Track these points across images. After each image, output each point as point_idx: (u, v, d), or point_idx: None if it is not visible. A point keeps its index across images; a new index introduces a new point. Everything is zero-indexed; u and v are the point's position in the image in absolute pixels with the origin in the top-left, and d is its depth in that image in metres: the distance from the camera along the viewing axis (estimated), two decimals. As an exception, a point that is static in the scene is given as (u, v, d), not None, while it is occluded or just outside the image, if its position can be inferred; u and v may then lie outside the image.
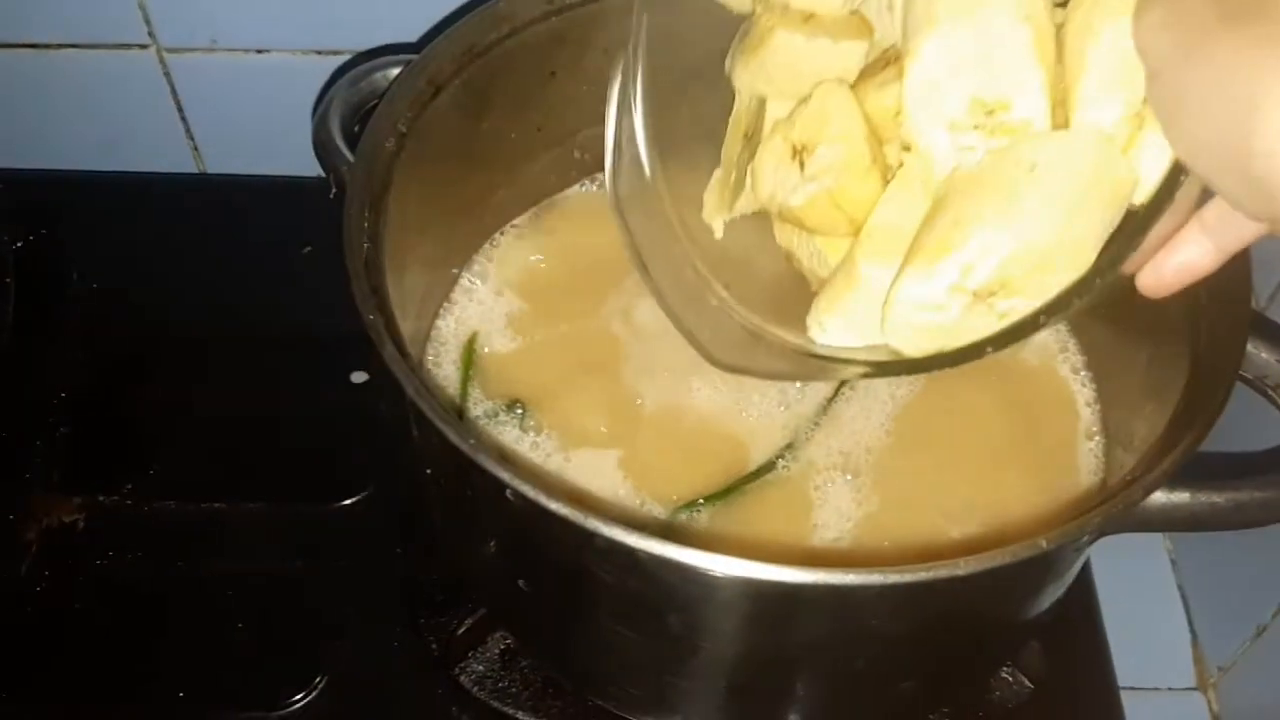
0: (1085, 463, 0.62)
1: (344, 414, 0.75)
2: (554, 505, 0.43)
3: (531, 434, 0.61)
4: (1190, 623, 0.81)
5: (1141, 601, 0.81)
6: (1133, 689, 0.73)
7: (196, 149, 0.90)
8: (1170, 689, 0.79)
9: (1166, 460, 0.46)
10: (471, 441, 0.44)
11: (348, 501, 0.71)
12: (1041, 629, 0.63)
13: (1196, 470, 0.48)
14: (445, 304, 0.66)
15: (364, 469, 0.72)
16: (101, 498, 0.71)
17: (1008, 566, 0.43)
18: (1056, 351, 0.66)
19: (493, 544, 0.53)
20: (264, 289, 0.81)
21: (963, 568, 0.41)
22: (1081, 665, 0.69)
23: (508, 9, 0.61)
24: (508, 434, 0.61)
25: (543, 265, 0.67)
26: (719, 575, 0.43)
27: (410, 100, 0.57)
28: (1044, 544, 0.43)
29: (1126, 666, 0.72)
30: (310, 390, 0.76)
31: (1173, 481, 0.48)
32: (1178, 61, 0.32)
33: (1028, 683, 0.65)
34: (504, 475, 0.43)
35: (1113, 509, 0.44)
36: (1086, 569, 0.74)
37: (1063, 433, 0.62)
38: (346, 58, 0.83)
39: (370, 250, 0.51)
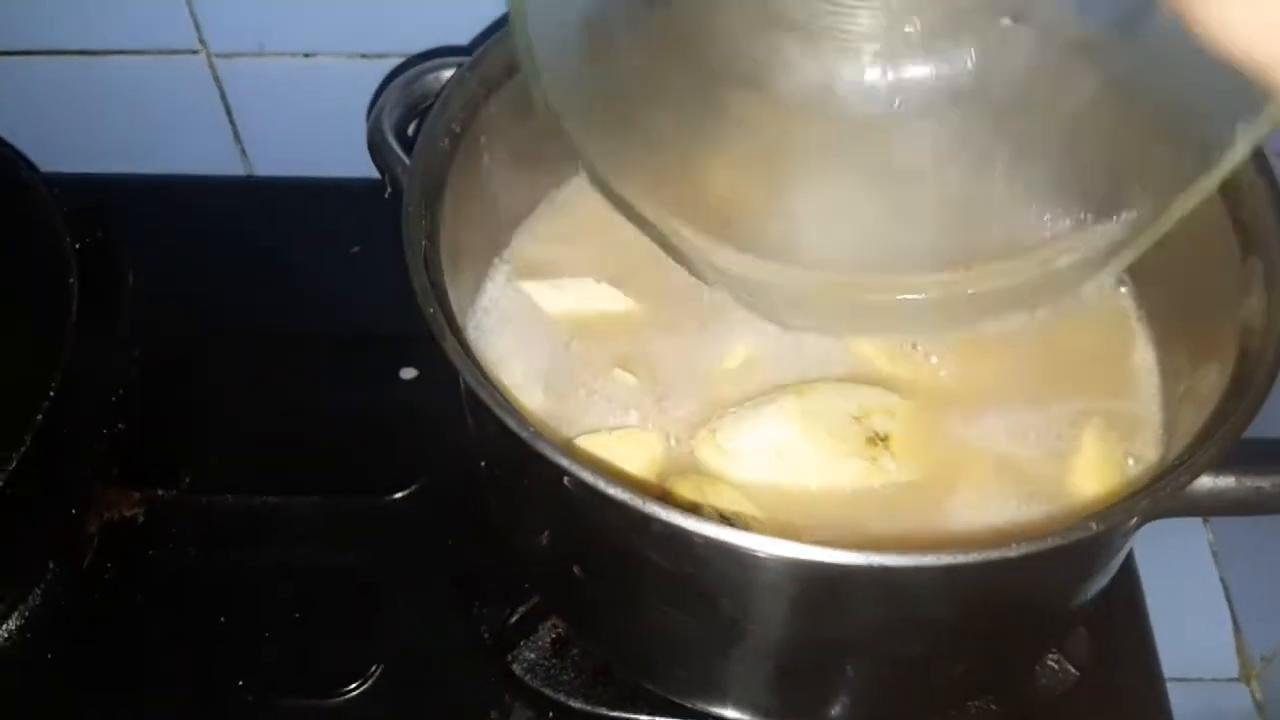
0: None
1: (394, 409, 0.76)
2: (613, 491, 0.44)
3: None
4: (1233, 613, 0.82)
5: (1184, 592, 0.81)
6: (1176, 679, 0.73)
7: (244, 152, 0.92)
8: (1213, 679, 0.80)
9: (1213, 444, 0.46)
10: (530, 430, 0.45)
11: (399, 495, 0.73)
12: (1088, 617, 0.64)
13: (1242, 455, 0.49)
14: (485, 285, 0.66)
15: (415, 463, 0.73)
16: (160, 492, 0.73)
17: (1057, 549, 0.44)
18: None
19: (548, 531, 0.55)
20: (313, 289, 0.83)
21: (1013, 550, 0.42)
22: (1127, 654, 0.69)
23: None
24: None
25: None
26: (773, 558, 0.44)
27: (464, 102, 0.59)
28: (1094, 526, 0.43)
29: (1169, 657, 0.72)
30: (361, 387, 0.78)
31: (1219, 466, 0.48)
32: None
33: (1073, 670, 0.65)
34: (564, 462, 0.45)
35: (1161, 491, 0.45)
36: (1130, 558, 0.74)
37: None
38: (393, 61, 0.84)
39: (428, 247, 0.52)
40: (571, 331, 0.64)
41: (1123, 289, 0.66)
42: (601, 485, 0.44)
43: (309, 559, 0.71)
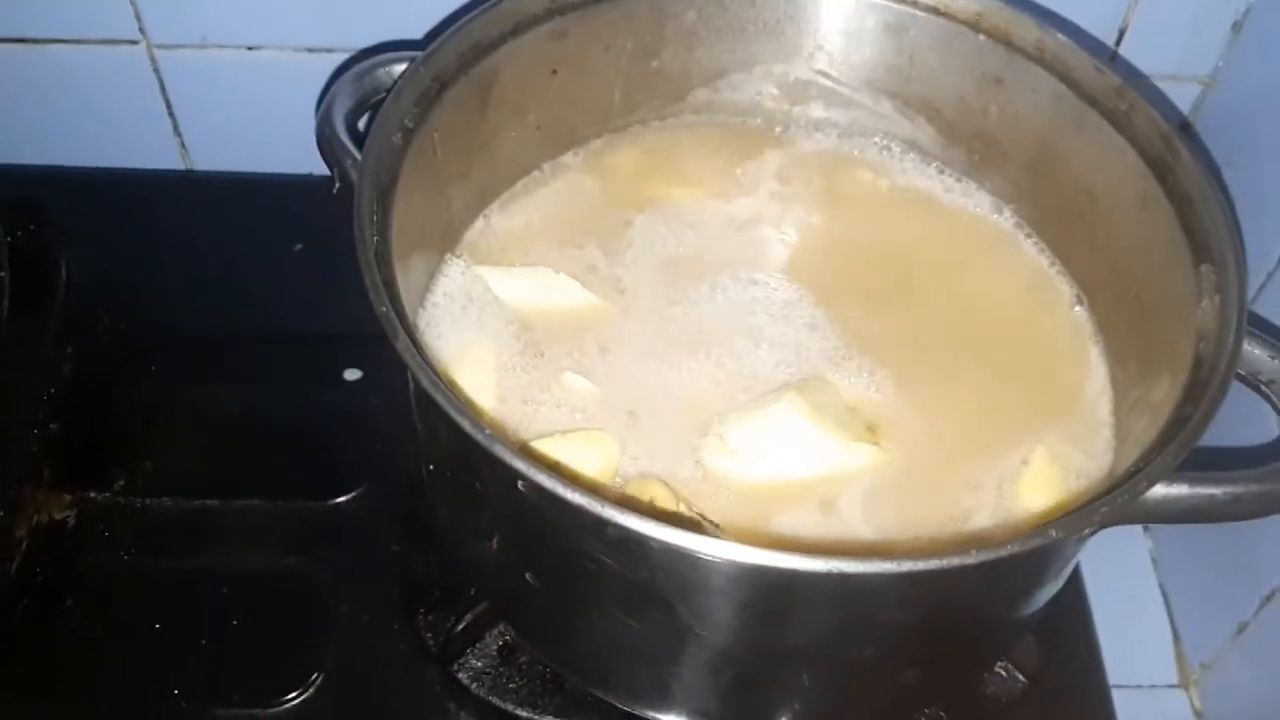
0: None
1: (337, 411, 0.75)
2: (569, 494, 0.43)
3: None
4: (1172, 621, 0.83)
5: (1124, 601, 0.82)
6: (1117, 686, 0.74)
7: (184, 146, 0.89)
8: (1153, 686, 0.80)
9: (1168, 453, 0.47)
10: (486, 433, 0.44)
11: (342, 499, 0.71)
12: (1036, 625, 0.64)
13: (1195, 464, 0.49)
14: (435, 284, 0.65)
15: (358, 466, 0.72)
16: (93, 494, 0.70)
17: (1015, 556, 0.43)
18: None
19: (499, 536, 0.53)
20: (255, 287, 0.81)
21: (973, 557, 0.42)
22: (1074, 662, 0.69)
23: (511, 6, 0.62)
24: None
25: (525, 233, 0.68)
26: (734, 563, 0.43)
27: (417, 96, 0.57)
28: (1054, 533, 0.43)
29: (1111, 664, 0.73)
30: (303, 388, 0.76)
31: (1173, 475, 0.49)
32: None
33: (1021, 678, 0.65)
34: (519, 465, 0.43)
35: (1119, 498, 0.45)
36: (1077, 567, 0.75)
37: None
38: (339, 56, 0.83)
39: (379, 244, 0.51)
40: (528, 324, 0.63)
41: (1077, 308, 0.66)
42: (558, 489, 0.43)
43: (248, 564, 0.69)
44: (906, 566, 0.42)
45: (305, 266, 0.82)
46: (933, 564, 0.42)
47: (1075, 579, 0.73)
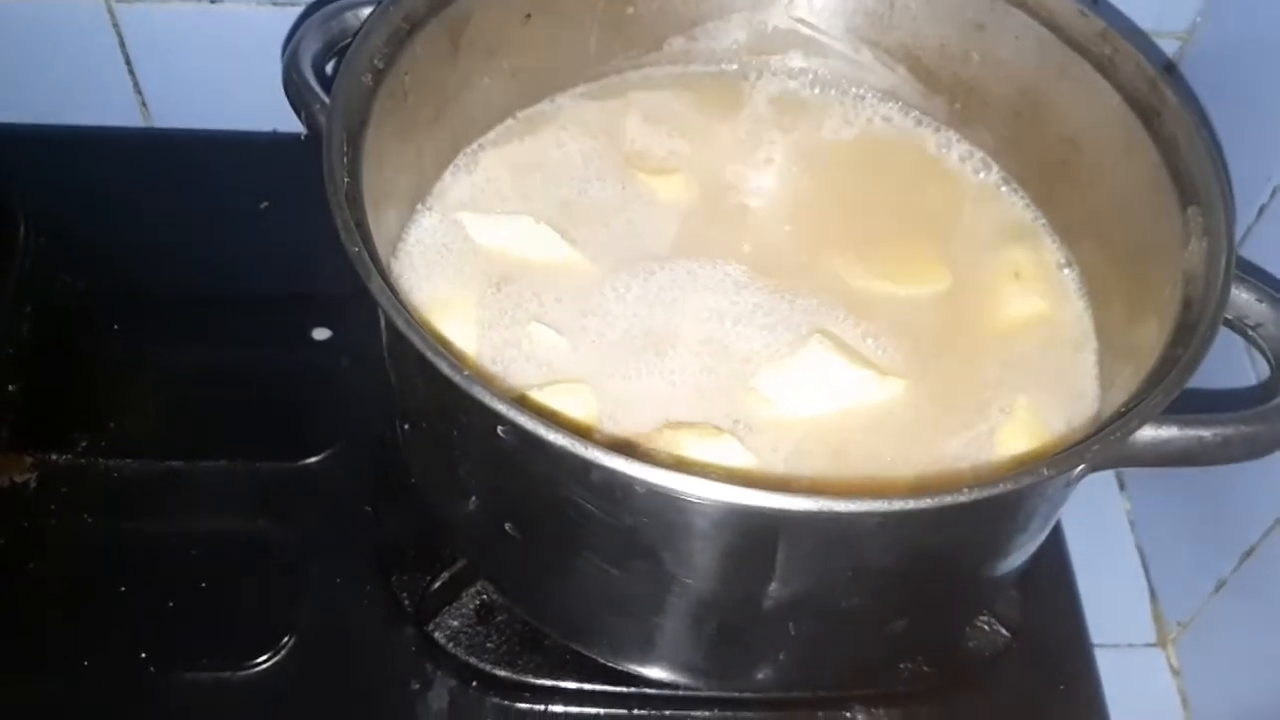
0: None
1: (306, 371, 0.73)
2: (552, 436, 0.41)
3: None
4: (1149, 580, 0.82)
5: (1102, 561, 0.81)
6: (1096, 646, 0.73)
7: (144, 103, 0.87)
8: (1130, 645, 0.80)
9: (1156, 393, 0.46)
10: (465, 373, 0.43)
11: (313, 459, 0.69)
12: (1018, 579, 0.63)
13: (1184, 407, 0.49)
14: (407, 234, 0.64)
15: (329, 426, 0.70)
16: (54, 456, 0.68)
17: (1006, 495, 0.43)
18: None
19: (477, 488, 0.52)
20: (221, 245, 0.79)
21: (966, 495, 0.41)
22: (1056, 617, 0.69)
23: (482, -51, 0.60)
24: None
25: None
26: (717, 502, 0.42)
27: (387, 37, 0.56)
28: (1045, 471, 0.42)
29: (1089, 624, 0.73)
30: (271, 348, 0.74)
31: (1162, 417, 0.48)
32: None
33: (1004, 632, 0.65)
34: (500, 407, 0.42)
35: (1110, 437, 0.44)
36: (1058, 524, 0.74)
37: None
38: (301, 8, 0.80)
39: (350, 185, 0.50)
40: (507, 275, 0.62)
41: (1065, 271, 0.65)
42: (540, 431, 0.41)
43: (216, 526, 0.67)
44: (898, 506, 0.41)
45: (271, 225, 0.80)
46: (924, 503, 0.41)
47: (1057, 535, 0.73)
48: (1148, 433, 0.48)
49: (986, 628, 0.65)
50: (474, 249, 0.62)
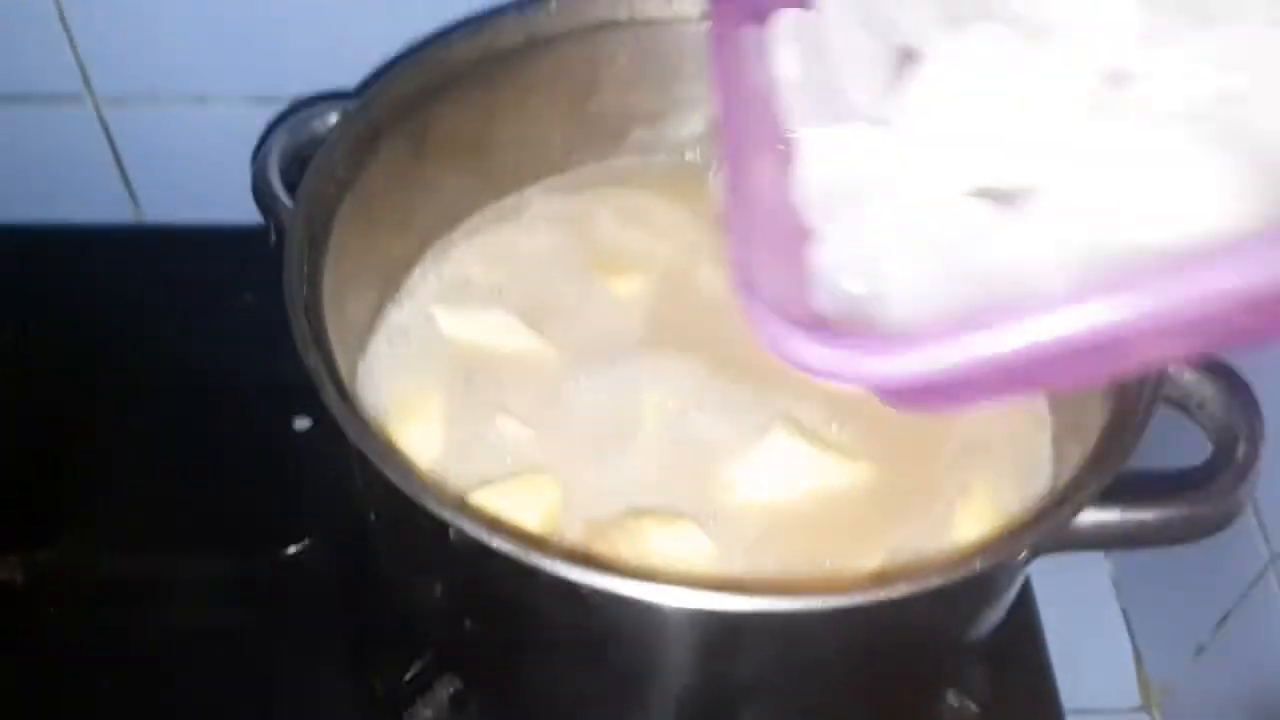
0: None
1: (288, 461, 0.74)
2: (497, 543, 0.43)
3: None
4: (1134, 643, 0.83)
5: (1085, 623, 0.82)
6: (1078, 711, 0.74)
7: (134, 198, 0.90)
8: (1115, 710, 0.80)
9: (1094, 477, 0.47)
10: (415, 482, 0.44)
11: (293, 549, 0.71)
12: (985, 651, 0.64)
13: (1127, 488, 0.50)
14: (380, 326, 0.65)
15: (309, 515, 0.72)
16: (39, 552, 0.70)
17: (942, 588, 0.44)
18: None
19: (438, 584, 0.53)
20: (206, 337, 0.81)
21: (896, 592, 0.42)
22: (1026, 688, 0.70)
23: (445, 54, 0.63)
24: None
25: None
26: (664, 606, 0.43)
27: (350, 146, 0.58)
28: (978, 565, 0.44)
29: (1072, 688, 0.73)
30: (254, 438, 0.76)
31: (1103, 500, 0.49)
32: None
33: (973, 706, 0.65)
34: (447, 515, 0.44)
35: (1043, 528, 0.45)
36: (1028, 590, 0.75)
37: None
38: (285, 105, 0.83)
39: (310, 294, 0.51)
40: (475, 366, 0.63)
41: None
42: (485, 537, 0.43)
43: (197, 619, 0.69)
44: (833, 603, 0.42)
45: (256, 316, 0.81)
46: (857, 600, 0.42)
47: (1025, 603, 0.73)
48: (1089, 516, 0.49)
49: (955, 704, 0.65)
50: (444, 342, 0.64)
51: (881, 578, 0.44)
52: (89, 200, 0.89)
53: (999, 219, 0.41)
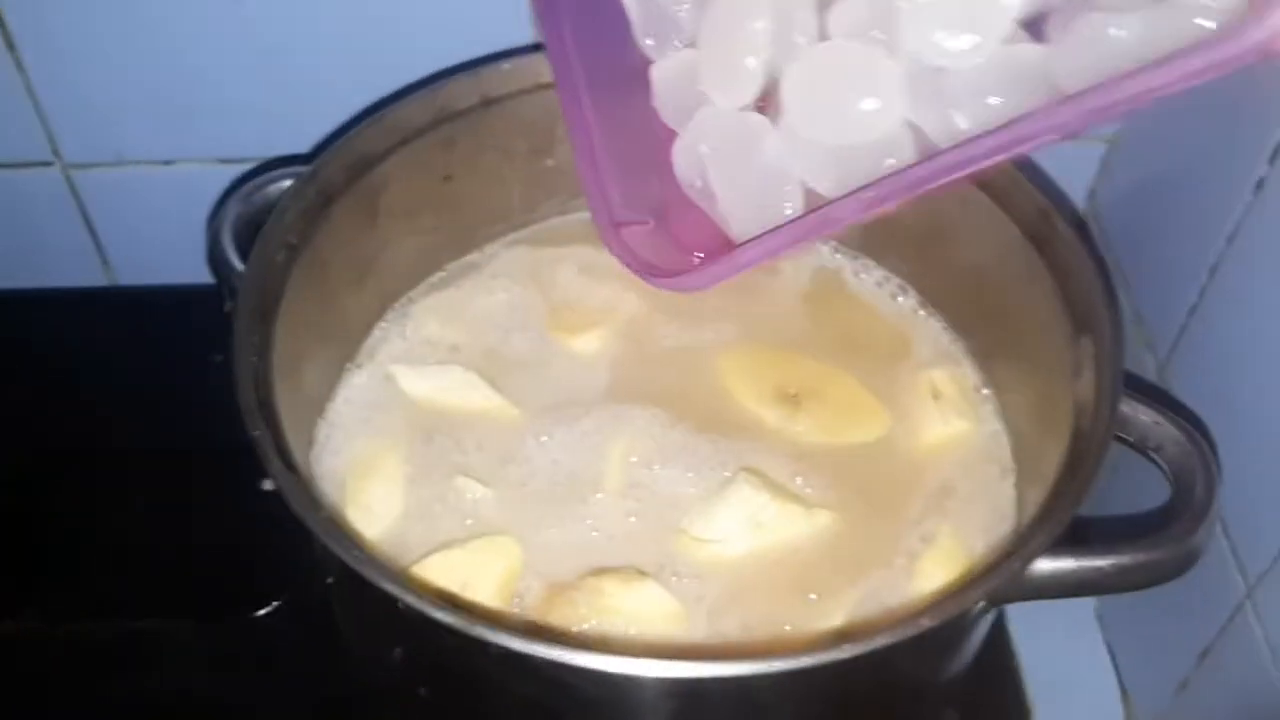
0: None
1: (255, 522, 0.74)
2: (440, 615, 0.43)
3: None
4: (1120, 679, 0.82)
5: (1070, 661, 0.81)
6: (1068, 749, 0.73)
7: (106, 262, 0.90)
8: (1104, 746, 0.80)
9: (1044, 528, 0.47)
10: (356, 553, 0.44)
11: (261, 612, 0.70)
12: (960, 697, 0.63)
13: (1084, 535, 0.49)
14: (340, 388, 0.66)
15: (277, 577, 0.71)
16: (7, 620, 0.70)
17: (893, 647, 0.43)
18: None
19: (393, 651, 0.53)
20: (174, 399, 0.81)
21: (845, 652, 0.42)
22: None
23: (398, 118, 0.63)
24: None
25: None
26: (615, 675, 0.43)
27: (300, 213, 0.58)
28: (926, 622, 0.43)
29: (1061, 727, 0.72)
30: (221, 499, 0.75)
31: (1058, 549, 0.49)
32: None
33: (949, 754, 0.65)
34: (391, 588, 0.43)
35: (995, 580, 0.45)
36: (1004, 633, 0.74)
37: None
38: (251, 165, 0.83)
39: (259, 364, 0.52)
40: (435, 426, 0.63)
41: (984, 391, 0.67)
42: (429, 610, 0.43)
43: (168, 685, 0.68)
44: (779, 666, 0.42)
45: (223, 377, 0.82)
46: (804, 662, 0.42)
47: (1001, 646, 0.73)
48: (1046, 566, 0.49)
49: (931, 750, 0.65)
50: (403, 403, 0.64)
51: (842, 635, 0.43)
52: (63, 265, 0.89)
53: (764, 128, 0.56)
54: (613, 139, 0.60)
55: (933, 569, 0.58)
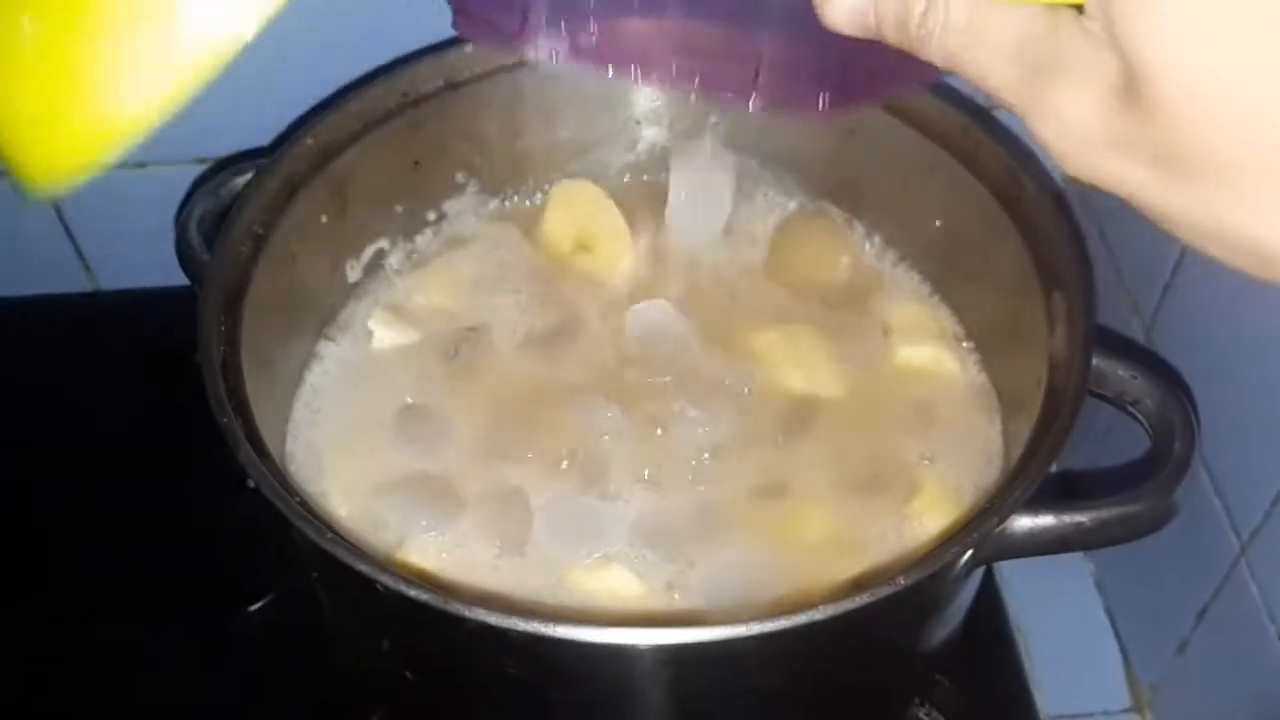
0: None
1: (243, 519, 0.74)
2: (414, 592, 0.42)
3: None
4: (1120, 643, 0.82)
5: (1070, 626, 0.81)
6: (1067, 716, 0.73)
7: (88, 267, 0.90)
8: (1105, 712, 0.79)
9: (1019, 484, 0.46)
10: (329, 536, 0.44)
11: (252, 608, 0.70)
12: (952, 662, 0.63)
13: (1060, 491, 0.49)
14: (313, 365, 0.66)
15: (267, 572, 0.71)
16: (-5, 627, 0.70)
17: (870, 605, 0.43)
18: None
19: (375, 635, 0.53)
20: (161, 398, 0.80)
21: (820, 613, 0.42)
22: (999, 696, 0.69)
23: (362, 105, 0.63)
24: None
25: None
26: (598, 644, 0.43)
27: (264, 204, 0.58)
28: (901, 581, 0.43)
29: (1059, 693, 0.72)
30: (207, 496, 0.75)
31: (1035, 505, 0.48)
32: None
33: (943, 718, 0.64)
34: (364, 568, 0.43)
35: (968, 540, 0.45)
36: (996, 597, 0.74)
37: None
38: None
39: (227, 353, 0.51)
40: (408, 400, 0.63)
41: (964, 344, 0.66)
42: (403, 588, 0.43)
43: (161, 682, 0.69)
44: (757, 629, 0.42)
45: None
46: (782, 623, 0.42)
47: (994, 609, 0.72)
48: (1025, 523, 0.49)
49: (925, 717, 0.65)
50: (380, 375, 0.64)
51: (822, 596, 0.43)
52: (44, 272, 0.89)
53: None
54: None
55: (925, 513, 0.58)
